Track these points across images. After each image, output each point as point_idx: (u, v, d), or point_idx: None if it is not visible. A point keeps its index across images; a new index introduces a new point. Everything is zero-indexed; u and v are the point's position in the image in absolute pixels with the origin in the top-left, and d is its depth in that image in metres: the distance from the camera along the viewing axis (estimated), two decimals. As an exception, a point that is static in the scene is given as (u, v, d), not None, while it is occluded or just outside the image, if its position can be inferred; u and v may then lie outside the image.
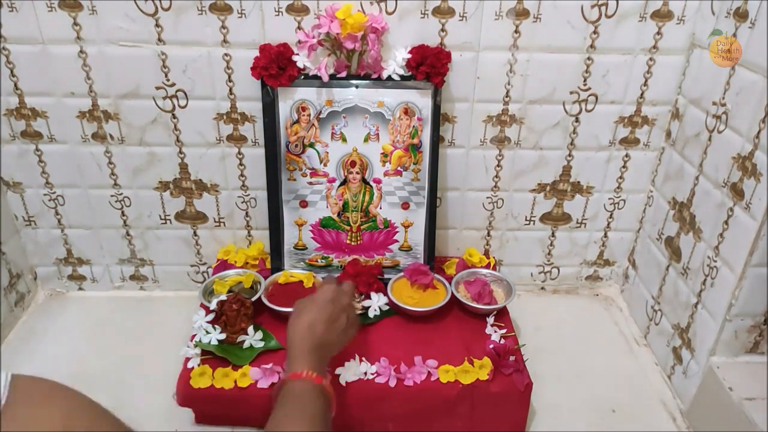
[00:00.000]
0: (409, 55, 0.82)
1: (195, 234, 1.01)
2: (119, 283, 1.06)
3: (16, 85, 0.86)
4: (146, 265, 1.04)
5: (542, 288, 1.11)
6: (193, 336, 0.81)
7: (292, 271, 0.93)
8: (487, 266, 0.98)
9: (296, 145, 0.88)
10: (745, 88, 0.73)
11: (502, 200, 0.99)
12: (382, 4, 0.82)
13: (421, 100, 0.85)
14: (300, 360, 0.64)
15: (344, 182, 0.90)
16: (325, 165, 0.89)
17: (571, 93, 0.89)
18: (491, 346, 0.81)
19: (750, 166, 0.72)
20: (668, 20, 0.84)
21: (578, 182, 0.98)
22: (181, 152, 0.93)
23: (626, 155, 0.96)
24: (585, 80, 0.88)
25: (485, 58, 0.86)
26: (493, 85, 0.88)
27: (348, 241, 0.94)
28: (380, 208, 0.92)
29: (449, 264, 1.00)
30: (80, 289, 1.07)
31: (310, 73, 0.83)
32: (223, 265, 0.97)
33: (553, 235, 1.04)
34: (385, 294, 0.90)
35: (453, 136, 0.93)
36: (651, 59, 0.87)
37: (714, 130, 0.80)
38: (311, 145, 0.88)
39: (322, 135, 0.87)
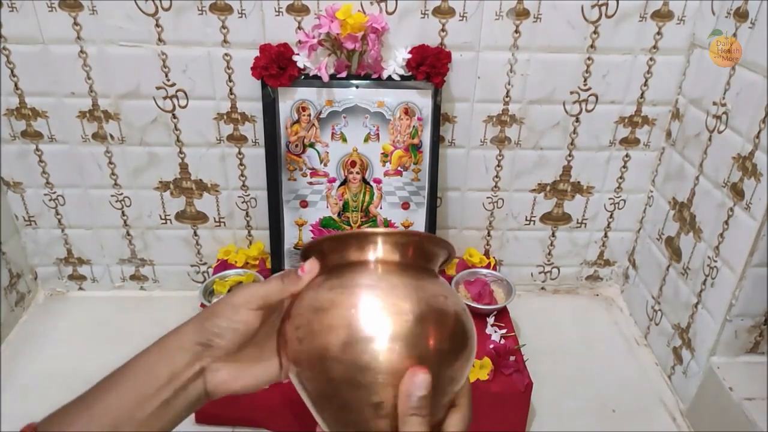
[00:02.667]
0: (409, 55, 0.82)
1: (195, 234, 1.01)
2: (119, 283, 1.06)
3: (16, 85, 0.86)
4: (146, 265, 1.04)
5: (542, 288, 1.11)
6: (194, 336, 0.81)
7: (293, 271, 0.93)
8: (487, 266, 0.98)
9: (296, 145, 0.88)
10: (745, 88, 0.73)
11: (502, 200, 0.99)
12: (382, 4, 0.82)
13: (421, 100, 0.85)
14: None
15: (344, 182, 0.90)
16: (325, 165, 0.89)
17: (571, 93, 0.89)
18: (491, 346, 0.81)
19: (750, 166, 0.72)
20: (668, 20, 0.84)
21: (578, 182, 0.98)
22: (181, 152, 0.93)
23: (626, 155, 0.96)
24: (585, 80, 0.88)
25: (485, 58, 0.86)
26: (493, 85, 0.88)
27: (348, 241, 0.93)
28: (380, 208, 0.92)
29: (449, 264, 1.00)
30: (80, 289, 1.07)
31: (311, 73, 0.83)
32: (224, 265, 0.97)
33: (553, 235, 1.04)
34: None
35: (453, 136, 0.93)
36: (651, 59, 0.87)
37: (714, 130, 0.80)
38: (311, 145, 0.88)
39: (323, 135, 0.87)
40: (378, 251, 0.41)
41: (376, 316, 0.38)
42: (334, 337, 0.37)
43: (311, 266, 0.43)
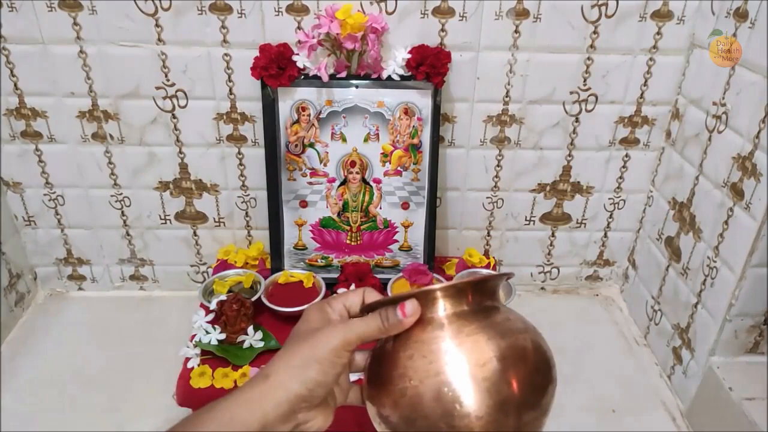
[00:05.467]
0: (409, 55, 0.82)
1: (195, 234, 1.01)
2: (119, 283, 1.06)
3: (16, 85, 0.86)
4: (146, 265, 1.04)
5: (542, 288, 1.11)
6: (193, 336, 0.81)
7: (292, 271, 0.93)
8: (487, 266, 0.98)
9: (296, 145, 0.88)
10: (745, 88, 0.73)
11: (502, 200, 0.99)
12: (382, 4, 0.82)
13: (421, 100, 0.85)
14: None
15: (344, 182, 0.90)
16: (325, 165, 0.89)
17: (571, 93, 0.89)
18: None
19: (750, 166, 0.72)
20: (668, 20, 0.84)
21: (578, 182, 0.98)
22: (181, 152, 0.93)
23: (626, 155, 0.96)
24: (585, 80, 0.88)
25: (485, 58, 0.86)
26: (493, 85, 0.88)
27: (348, 241, 0.94)
28: (380, 208, 0.92)
29: (449, 264, 1.00)
30: (80, 289, 1.07)
31: (310, 73, 0.83)
32: (223, 265, 0.97)
33: (553, 235, 1.04)
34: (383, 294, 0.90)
35: (453, 136, 0.93)
36: (651, 59, 0.87)
37: (714, 130, 0.80)
38: (311, 145, 0.88)
39: (322, 135, 0.87)
40: (456, 304, 0.42)
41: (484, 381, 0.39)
42: (442, 400, 0.39)
43: (413, 309, 0.41)
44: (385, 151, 0.88)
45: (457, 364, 0.39)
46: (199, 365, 0.78)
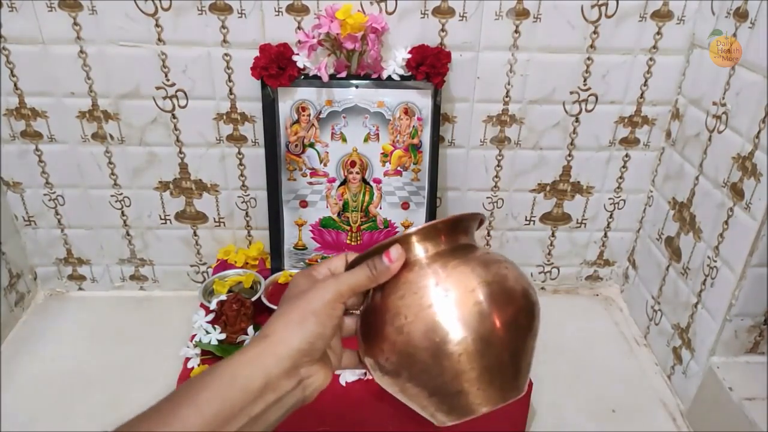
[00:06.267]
0: (409, 55, 0.82)
1: (195, 234, 1.01)
2: (119, 283, 1.06)
3: (16, 85, 0.86)
4: (146, 265, 1.04)
5: (542, 288, 1.11)
6: (193, 336, 0.81)
7: (292, 271, 0.93)
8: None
9: (296, 145, 0.88)
10: (745, 88, 0.73)
11: (502, 200, 0.99)
12: (382, 4, 0.82)
13: (421, 100, 0.85)
14: None
15: (344, 182, 0.90)
16: (325, 165, 0.89)
17: (571, 93, 0.89)
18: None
19: (750, 166, 0.72)
20: (668, 20, 0.84)
21: (578, 182, 0.98)
22: (181, 152, 0.93)
23: (626, 155, 0.96)
24: (585, 80, 0.88)
25: (485, 58, 0.86)
26: (493, 85, 0.88)
27: (348, 241, 0.94)
28: (380, 208, 0.92)
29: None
30: (80, 289, 1.07)
31: (310, 73, 0.83)
32: (223, 265, 0.97)
33: (553, 235, 1.04)
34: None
35: (453, 136, 0.93)
36: (651, 59, 0.87)
37: (714, 130, 0.80)
38: (311, 145, 0.88)
39: (322, 135, 0.87)
40: (435, 245, 0.44)
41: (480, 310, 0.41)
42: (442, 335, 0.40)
43: (399, 253, 0.42)
44: (385, 151, 0.88)
45: (448, 293, 0.41)
46: (199, 365, 0.78)
